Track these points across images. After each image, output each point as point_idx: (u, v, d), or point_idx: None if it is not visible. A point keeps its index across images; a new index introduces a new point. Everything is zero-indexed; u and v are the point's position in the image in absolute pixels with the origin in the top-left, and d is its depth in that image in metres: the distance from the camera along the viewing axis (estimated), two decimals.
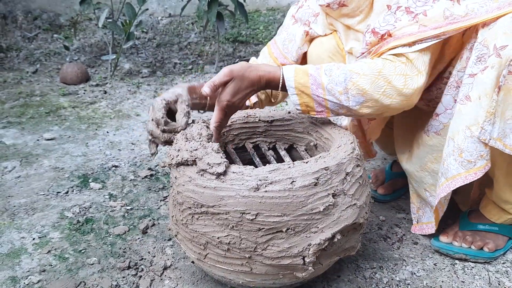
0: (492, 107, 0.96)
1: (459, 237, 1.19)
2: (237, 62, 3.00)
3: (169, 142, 1.05)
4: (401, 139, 1.32)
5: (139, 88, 2.56)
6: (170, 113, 1.07)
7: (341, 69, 1.01)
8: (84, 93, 2.47)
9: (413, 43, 1.00)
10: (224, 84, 1.01)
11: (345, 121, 1.31)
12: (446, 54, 1.10)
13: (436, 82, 1.15)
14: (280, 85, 1.04)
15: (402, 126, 1.33)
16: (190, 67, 2.95)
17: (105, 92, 2.48)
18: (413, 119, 1.25)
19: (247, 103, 1.30)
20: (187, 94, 1.08)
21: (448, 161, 1.05)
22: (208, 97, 1.03)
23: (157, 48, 3.27)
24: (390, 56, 1.01)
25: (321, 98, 1.02)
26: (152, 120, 1.04)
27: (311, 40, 1.32)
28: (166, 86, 2.62)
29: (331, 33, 1.28)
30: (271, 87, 1.06)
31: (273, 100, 1.31)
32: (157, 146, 1.09)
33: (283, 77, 1.03)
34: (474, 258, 1.17)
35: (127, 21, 2.51)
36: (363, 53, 1.10)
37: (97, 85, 2.59)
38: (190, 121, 1.06)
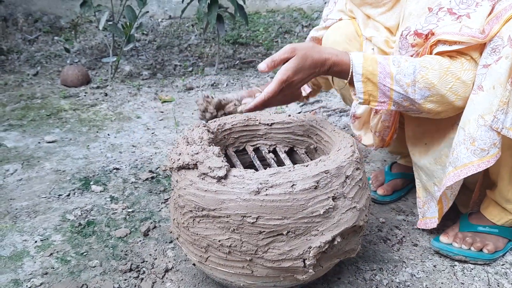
0: (506, 96, 0.97)
1: (459, 238, 1.20)
2: (237, 63, 3.01)
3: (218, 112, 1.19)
4: (412, 136, 1.31)
5: (140, 91, 2.57)
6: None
7: (409, 62, 1.02)
8: (85, 95, 2.48)
9: (455, 42, 1.01)
10: (285, 61, 0.99)
11: (360, 109, 1.32)
12: None
13: None
14: (350, 72, 1.02)
15: (413, 122, 1.31)
16: (190, 69, 2.95)
17: (106, 95, 2.49)
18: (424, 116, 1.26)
19: (303, 93, 1.31)
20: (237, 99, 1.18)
21: (458, 150, 1.06)
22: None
23: (157, 50, 3.28)
24: (452, 53, 1.03)
25: (388, 87, 1.03)
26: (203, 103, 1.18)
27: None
28: (167, 88, 2.63)
29: (348, 19, 1.30)
30: (334, 72, 1.04)
31: (317, 91, 1.37)
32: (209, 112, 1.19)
33: (352, 63, 1.02)
34: (473, 259, 1.18)
35: (128, 24, 2.52)
36: (412, 55, 1.10)
37: (97, 87, 2.60)
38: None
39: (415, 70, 1.00)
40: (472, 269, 1.16)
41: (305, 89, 1.37)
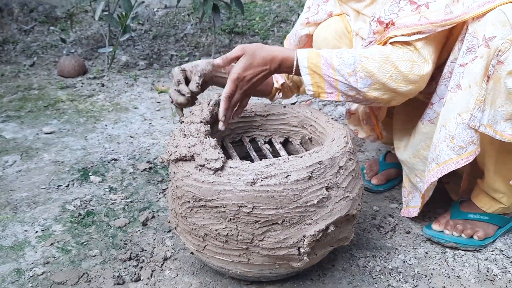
0: (482, 95, 1.00)
1: (450, 226, 1.23)
2: None
3: (190, 103, 1.12)
4: (400, 129, 1.36)
5: (136, 81, 2.58)
6: (187, 82, 1.13)
7: (351, 53, 1.06)
8: (81, 86, 2.49)
9: (411, 34, 1.04)
10: (237, 58, 1.07)
11: (354, 105, 1.36)
12: (449, 46, 1.13)
13: (435, 75, 1.18)
14: (294, 66, 1.08)
15: (401, 117, 1.36)
16: (186, 59, 2.96)
17: (103, 85, 2.50)
18: (412, 110, 1.29)
19: (275, 84, 1.36)
20: (205, 66, 1.13)
21: (439, 147, 1.10)
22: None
23: (153, 40, 3.28)
24: (398, 43, 1.06)
25: (332, 78, 1.06)
26: (173, 86, 1.11)
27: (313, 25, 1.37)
28: (163, 78, 2.64)
29: (338, 15, 1.32)
30: (285, 68, 1.09)
31: (300, 88, 1.39)
32: (182, 110, 1.16)
33: (297, 58, 1.07)
34: (464, 246, 1.21)
35: (123, 14, 2.52)
36: (371, 41, 1.14)
37: (94, 78, 2.61)
38: (199, 90, 1.12)
39: (355, 60, 1.04)
40: (462, 255, 1.20)
41: (277, 80, 1.38)
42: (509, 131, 1.00)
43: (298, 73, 1.09)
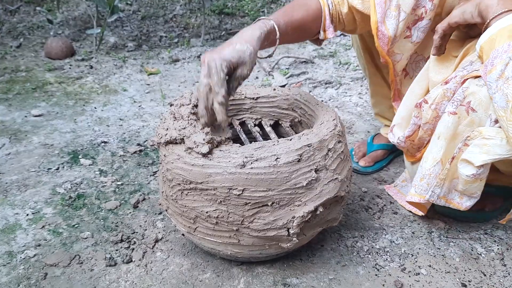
0: (444, 174, 1.05)
1: None
2: (223, 34, 2.99)
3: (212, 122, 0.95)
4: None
5: (125, 63, 2.55)
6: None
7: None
8: (70, 68, 2.46)
9: None
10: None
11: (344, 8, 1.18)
12: None
13: None
14: None
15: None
16: (176, 40, 2.93)
17: (91, 67, 2.48)
18: None
19: (321, 35, 1.19)
20: (252, 63, 0.95)
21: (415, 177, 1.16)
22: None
23: (142, 21, 3.24)
24: None
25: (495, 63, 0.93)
26: (207, 86, 0.91)
27: None
28: (152, 60, 2.62)
29: None
30: None
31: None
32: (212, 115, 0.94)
33: None
34: (475, 219, 1.27)
35: None
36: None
37: (82, 59, 2.58)
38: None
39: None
40: (448, 235, 1.23)
41: (327, 32, 1.19)
42: (458, 200, 1.09)
43: None
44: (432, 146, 1.08)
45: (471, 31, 1.10)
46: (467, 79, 0.99)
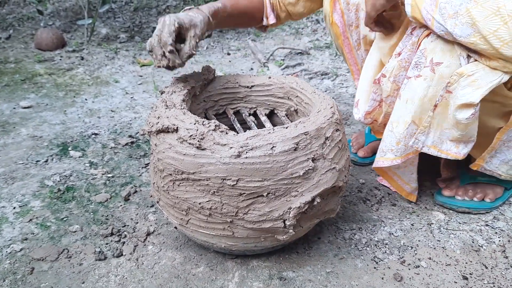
0: (427, 121, 1.04)
1: (462, 191, 1.25)
2: None
3: (168, 67, 1.05)
4: None
5: (117, 54, 2.50)
6: (178, 35, 1.05)
7: None
8: (60, 59, 2.41)
9: None
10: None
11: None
12: None
13: None
14: None
15: None
16: None
17: (82, 58, 2.42)
18: None
19: (264, 22, 1.38)
20: (203, 27, 1.09)
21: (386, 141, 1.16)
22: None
23: (134, 12, 3.18)
24: None
25: (430, 16, 0.95)
26: (157, 36, 1.03)
27: None
28: (145, 51, 2.57)
29: None
30: None
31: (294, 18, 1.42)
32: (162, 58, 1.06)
33: None
34: (476, 210, 1.24)
35: None
36: None
37: (73, 51, 2.52)
38: (192, 57, 1.08)
39: (463, 1, 0.91)
40: (448, 227, 1.20)
41: (269, 19, 1.37)
42: (455, 150, 1.07)
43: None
44: (399, 111, 1.09)
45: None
46: (420, 43, 1.01)
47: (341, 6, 1.24)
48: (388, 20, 1.13)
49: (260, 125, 1.17)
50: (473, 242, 1.14)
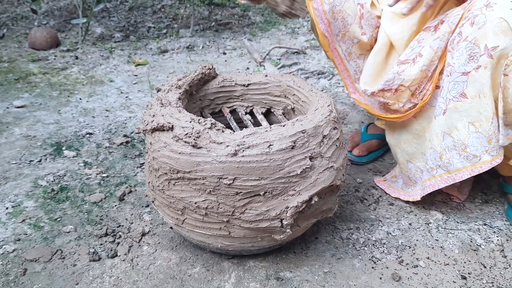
0: (501, 111, 1.00)
1: None
2: (213, 25, 2.93)
3: None
4: None
5: (112, 53, 2.48)
6: None
7: None
8: (54, 58, 2.39)
9: None
10: None
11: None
12: None
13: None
14: None
15: None
16: (164, 31, 2.87)
17: (77, 58, 2.40)
18: None
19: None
20: None
21: (449, 155, 1.08)
22: None
23: (129, 12, 3.16)
24: None
25: None
26: None
27: None
28: (140, 51, 2.55)
29: None
30: None
31: None
32: None
33: None
34: None
35: None
36: None
37: (68, 50, 2.50)
38: None
39: None
40: (446, 226, 1.19)
41: None
42: None
43: None
44: (474, 110, 1.02)
45: None
46: (464, 37, 0.99)
47: (327, 16, 1.22)
48: None
49: (257, 124, 1.16)
50: (471, 241, 1.13)
